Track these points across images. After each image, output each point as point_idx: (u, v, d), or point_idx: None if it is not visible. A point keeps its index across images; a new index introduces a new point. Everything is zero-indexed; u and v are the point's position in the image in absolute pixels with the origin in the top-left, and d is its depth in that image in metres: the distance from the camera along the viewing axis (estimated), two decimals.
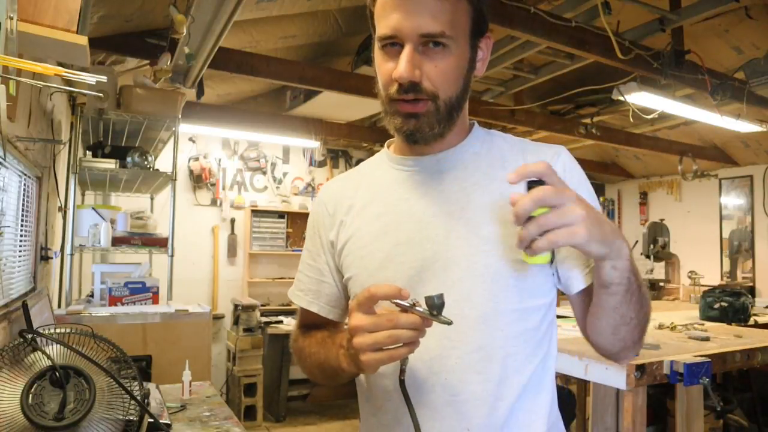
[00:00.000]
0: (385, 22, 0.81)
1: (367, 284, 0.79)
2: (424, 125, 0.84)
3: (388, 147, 1.01)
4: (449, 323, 0.70)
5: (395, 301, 0.72)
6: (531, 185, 0.69)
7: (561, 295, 0.96)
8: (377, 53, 0.86)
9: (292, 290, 1.05)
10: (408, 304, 0.71)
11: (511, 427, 0.84)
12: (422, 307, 0.71)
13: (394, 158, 0.96)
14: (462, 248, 0.85)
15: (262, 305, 4.88)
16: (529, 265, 0.85)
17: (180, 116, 3.06)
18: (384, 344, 0.71)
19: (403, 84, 0.81)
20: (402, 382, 0.78)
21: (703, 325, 2.84)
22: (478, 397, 0.83)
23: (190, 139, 5.06)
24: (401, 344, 0.71)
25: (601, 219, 0.71)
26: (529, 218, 0.68)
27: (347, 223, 0.95)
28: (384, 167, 0.98)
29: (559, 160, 0.91)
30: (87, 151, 3.24)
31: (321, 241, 0.99)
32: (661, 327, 2.70)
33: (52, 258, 2.76)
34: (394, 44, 0.82)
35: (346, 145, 5.80)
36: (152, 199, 4.31)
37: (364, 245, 0.91)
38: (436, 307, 0.70)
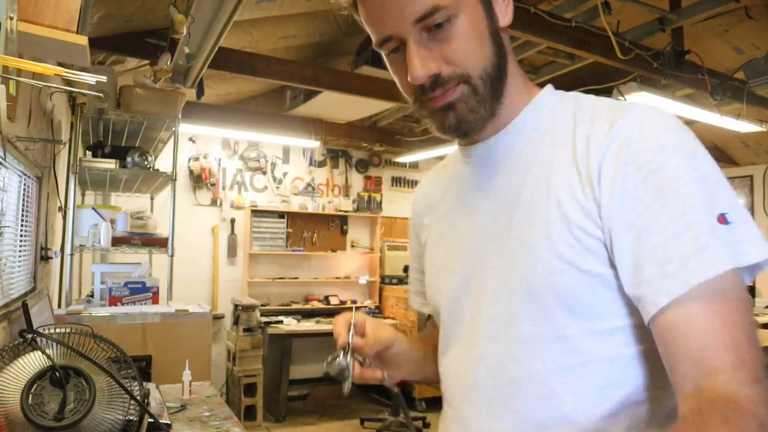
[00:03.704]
0: (374, 28, 0.71)
1: (431, 292, 0.82)
2: (465, 113, 0.70)
3: None
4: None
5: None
6: None
7: None
8: (387, 63, 0.76)
9: (409, 295, 0.99)
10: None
11: None
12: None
13: (458, 150, 0.85)
14: (501, 257, 0.72)
15: (262, 305, 4.88)
16: (579, 273, 0.65)
17: (180, 116, 3.05)
18: None
19: (424, 85, 0.70)
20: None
21: None
22: None
23: (190, 139, 5.06)
24: None
25: None
26: None
27: (427, 225, 0.89)
28: (456, 159, 0.87)
29: (615, 130, 0.65)
30: (87, 151, 3.24)
31: (418, 243, 0.93)
32: None
33: (52, 258, 2.76)
34: (395, 48, 0.71)
35: (346, 145, 5.80)
36: (152, 199, 4.31)
37: (432, 248, 0.86)
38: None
